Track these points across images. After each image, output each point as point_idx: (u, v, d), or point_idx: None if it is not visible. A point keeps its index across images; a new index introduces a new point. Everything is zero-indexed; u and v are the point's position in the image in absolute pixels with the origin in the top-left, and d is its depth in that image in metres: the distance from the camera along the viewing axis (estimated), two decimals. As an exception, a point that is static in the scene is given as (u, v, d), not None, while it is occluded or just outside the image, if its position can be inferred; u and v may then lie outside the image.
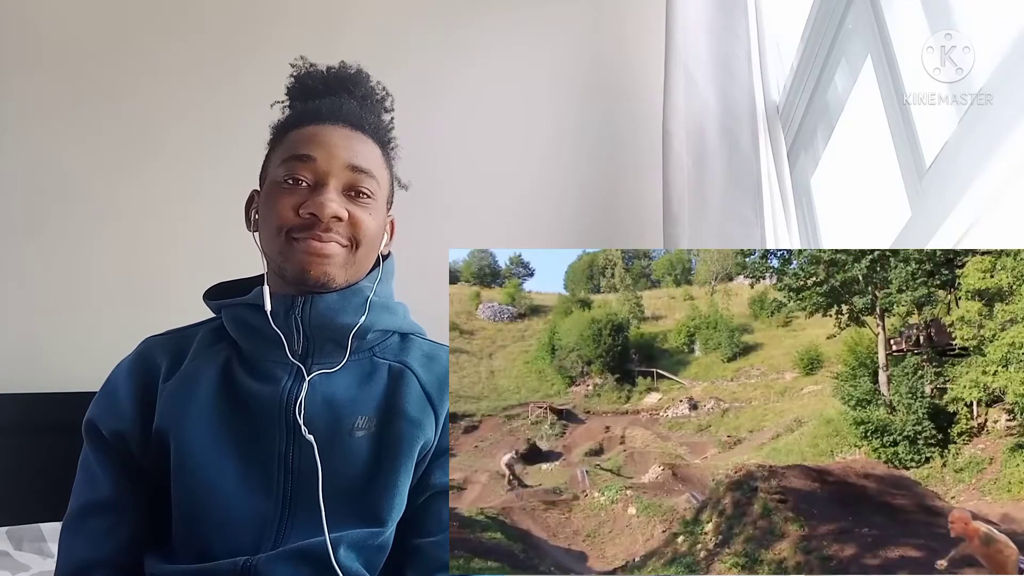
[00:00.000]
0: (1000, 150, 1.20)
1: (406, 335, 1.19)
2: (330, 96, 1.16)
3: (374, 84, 1.22)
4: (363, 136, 1.13)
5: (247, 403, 1.06)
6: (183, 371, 1.09)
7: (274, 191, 1.09)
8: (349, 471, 1.03)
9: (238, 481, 1.02)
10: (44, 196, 2.28)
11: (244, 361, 1.10)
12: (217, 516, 1.01)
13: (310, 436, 1.02)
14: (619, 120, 2.47)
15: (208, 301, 1.16)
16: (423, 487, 1.08)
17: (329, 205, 1.05)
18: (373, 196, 1.11)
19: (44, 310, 2.22)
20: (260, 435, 1.04)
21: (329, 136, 1.10)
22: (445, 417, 1.10)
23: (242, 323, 1.11)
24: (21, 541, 1.81)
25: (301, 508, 1.01)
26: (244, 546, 0.99)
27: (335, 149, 1.09)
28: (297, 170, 1.07)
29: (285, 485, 1.02)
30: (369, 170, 1.10)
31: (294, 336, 1.07)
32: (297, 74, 1.20)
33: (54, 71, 2.34)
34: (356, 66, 1.21)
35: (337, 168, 1.08)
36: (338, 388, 1.08)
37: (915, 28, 1.53)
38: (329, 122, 1.11)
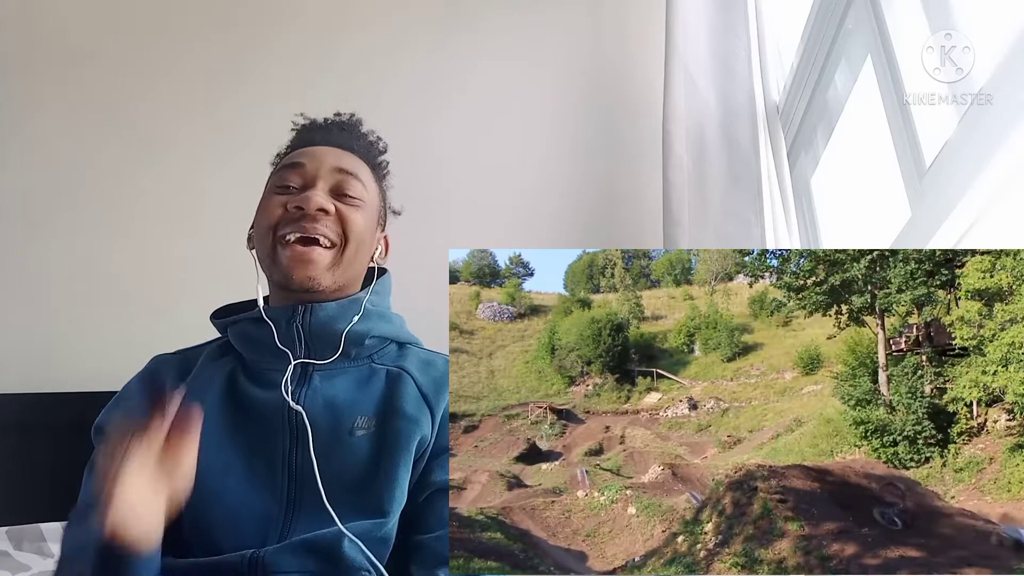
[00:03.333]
0: (1000, 150, 1.20)
1: (404, 344, 1.22)
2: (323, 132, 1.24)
3: (366, 131, 1.29)
4: (352, 154, 1.20)
5: (251, 409, 1.10)
6: (190, 380, 1.12)
7: (267, 197, 1.16)
8: (351, 469, 1.06)
9: (243, 483, 1.05)
10: (44, 196, 2.28)
11: (248, 370, 1.14)
12: (223, 516, 1.03)
13: (302, 414, 1.05)
14: (619, 120, 2.47)
15: (215, 321, 1.21)
16: (424, 485, 1.09)
17: (314, 198, 1.10)
18: (362, 200, 1.16)
19: (44, 310, 2.22)
20: (264, 438, 1.07)
21: (320, 150, 1.18)
22: (443, 416, 1.12)
23: (246, 336, 1.16)
24: (21, 541, 1.81)
25: (305, 507, 1.04)
26: (251, 544, 1.01)
27: (323, 155, 1.16)
28: (287, 177, 1.14)
29: (289, 485, 1.05)
30: (356, 173, 1.16)
31: (295, 343, 1.11)
32: (297, 129, 1.27)
33: (56, 72, 2.34)
34: (351, 115, 1.29)
35: (324, 170, 1.14)
36: (338, 391, 1.11)
37: (915, 28, 1.53)
38: (321, 144, 1.20)
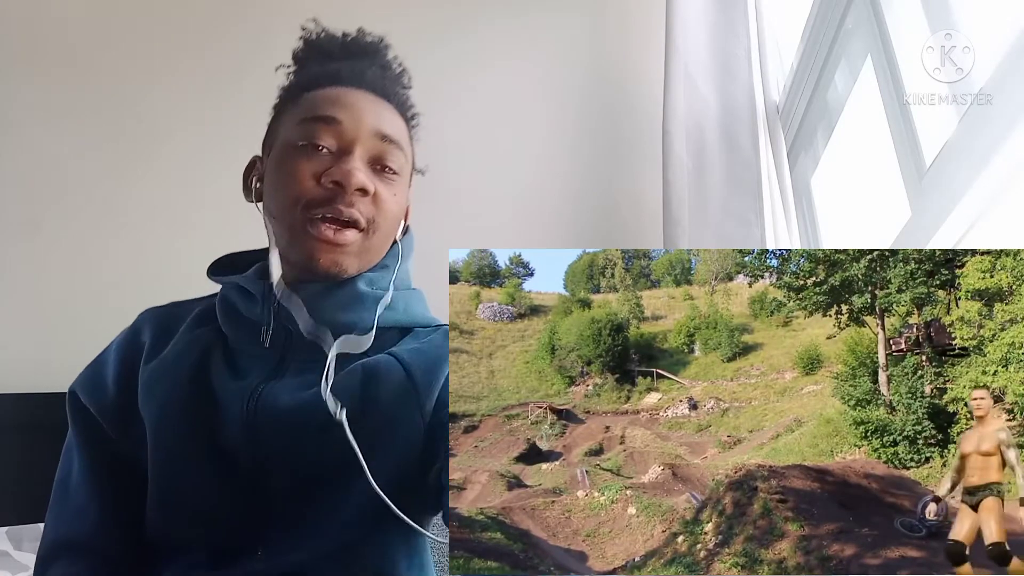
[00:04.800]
0: (1000, 150, 1.20)
1: (408, 328, 1.04)
2: (348, 60, 1.04)
3: (391, 59, 1.10)
4: (389, 105, 1.02)
5: (218, 399, 0.95)
6: (163, 357, 0.99)
7: (290, 155, 0.95)
8: (330, 464, 0.91)
9: (204, 477, 0.93)
10: (44, 196, 2.28)
11: (226, 351, 0.99)
12: (184, 507, 0.94)
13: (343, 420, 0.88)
14: (619, 120, 2.47)
15: (211, 275, 1.05)
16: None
17: (356, 174, 0.92)
18: (399, 173, 0.99)
19: (44, 310, 2.22)
20: (224, 431, 0.94)
21: (354, 98, 0.98)
22: (439, 397, 0.97)
23: (229, 307, 1.01)
24: (21, 541, 1.81)
25: (275, 500, 0.92)
26: (217, 536, 0.92)
27: (362, 113, 0.96)
28: (318, 133, 0.94)
29: (253, 483, 0.93)
30: (398, 141, 0.99)
31: (268, 329, 0.96)
32: (308, 38, 1.08)
33: (55, 71, 2.34)
34: (378, 36, 1.09)
35: (365, 134, 0.95)
36: (306, 386, 0.94)
37: (915, 28, 1.53)
38: (352, 85, 0.99)
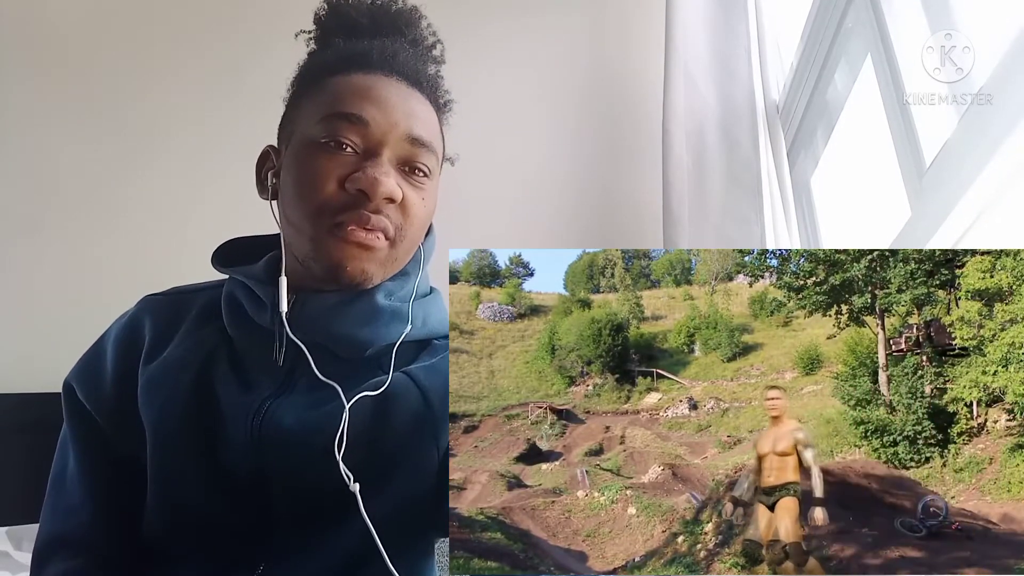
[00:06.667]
0: (1000, 150, 1.20)
1: (425, 342, 0.99)
2: (378, 36, 0.96)
3: (424, 27, 1.02)
4: (421, 96, 0.95)
5: (222, 411, 0.90)
6: (164, 360, 0.94)
7: (311, 153, 0.88)
8: (334, 488, 0.87)
9: (206, 493, 0.90)
10: (44, 196, 2.28)
11: (231, 355, 0.94)
12: (184, 521, 0.92)
13: (355, 486, 0.83)
14: (619, 120, 2.47)
15: (216, 264, 0.98)
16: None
17: (385, 182, 0.85)
18: (430, 176, 0.93)
19: (44, 310, 2.22)
20: (227, 447, 0.89)
21: (385, 92, 0.90)
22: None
23: (236, 307, 0.94)
24: (21, 541, 1.81)
25: (282, 518, 0.89)
26: (218, 551, 0.90)
27: (392, 112, 0.88)
28: (343, 132, 0.87)
29: (255, 500, 0.89)
30: (430, 143, 0.92)
31: (281, 347, 0.91)
32: (335, 7, 0.98)
33: (55, 71, 2.34)
34: (411, 7, 1.00)
35: (394, 138, 0.88)
36: (315, 404, 0.90)
37: (915, 28, 1.52)
38: (383, 72, 0.91)
